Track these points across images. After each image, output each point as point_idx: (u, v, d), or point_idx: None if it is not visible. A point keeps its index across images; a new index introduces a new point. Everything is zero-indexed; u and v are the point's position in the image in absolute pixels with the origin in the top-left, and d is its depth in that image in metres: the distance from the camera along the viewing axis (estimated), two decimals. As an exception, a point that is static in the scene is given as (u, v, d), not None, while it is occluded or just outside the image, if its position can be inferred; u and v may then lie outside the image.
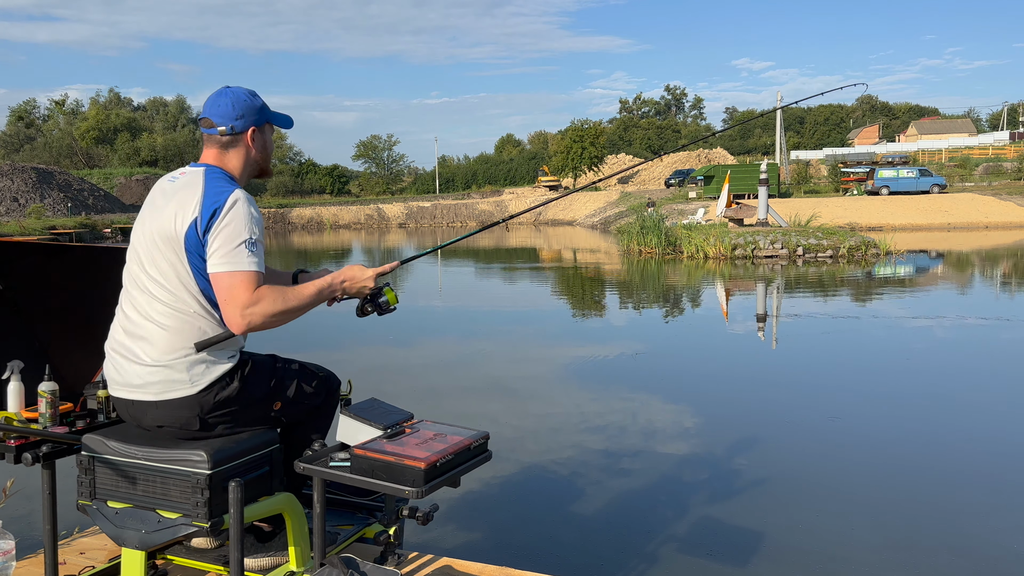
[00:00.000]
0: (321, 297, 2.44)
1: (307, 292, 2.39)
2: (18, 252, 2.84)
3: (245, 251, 2.28)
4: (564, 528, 4.28)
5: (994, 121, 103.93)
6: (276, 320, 2.32)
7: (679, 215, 34.06)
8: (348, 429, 2.44)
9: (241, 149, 2.49)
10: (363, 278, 2.53)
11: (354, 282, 2.52)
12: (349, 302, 2.66)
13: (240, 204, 2.32)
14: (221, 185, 2.37)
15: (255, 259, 2.30)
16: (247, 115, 2.47)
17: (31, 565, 3.03)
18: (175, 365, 2.34)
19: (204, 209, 2.31)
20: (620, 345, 9.76)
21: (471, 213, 61.30)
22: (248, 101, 2.49)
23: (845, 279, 17.33)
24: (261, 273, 2.31)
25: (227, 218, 2.30)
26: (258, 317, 2.27)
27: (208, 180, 2.39)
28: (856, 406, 6.72)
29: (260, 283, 2.30)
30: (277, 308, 2.29)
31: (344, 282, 2.50)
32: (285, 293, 2.32)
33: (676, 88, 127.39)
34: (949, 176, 51.65)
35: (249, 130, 2.48)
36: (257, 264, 2.31)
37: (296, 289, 2.37)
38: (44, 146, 79.36)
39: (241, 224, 2.30)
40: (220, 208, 2.30)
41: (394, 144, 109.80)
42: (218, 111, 2.46)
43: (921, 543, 4.03)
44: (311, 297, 2.39)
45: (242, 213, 2.31)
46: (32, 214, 44.30)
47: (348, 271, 2.53)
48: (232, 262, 2.28)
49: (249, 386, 2.42)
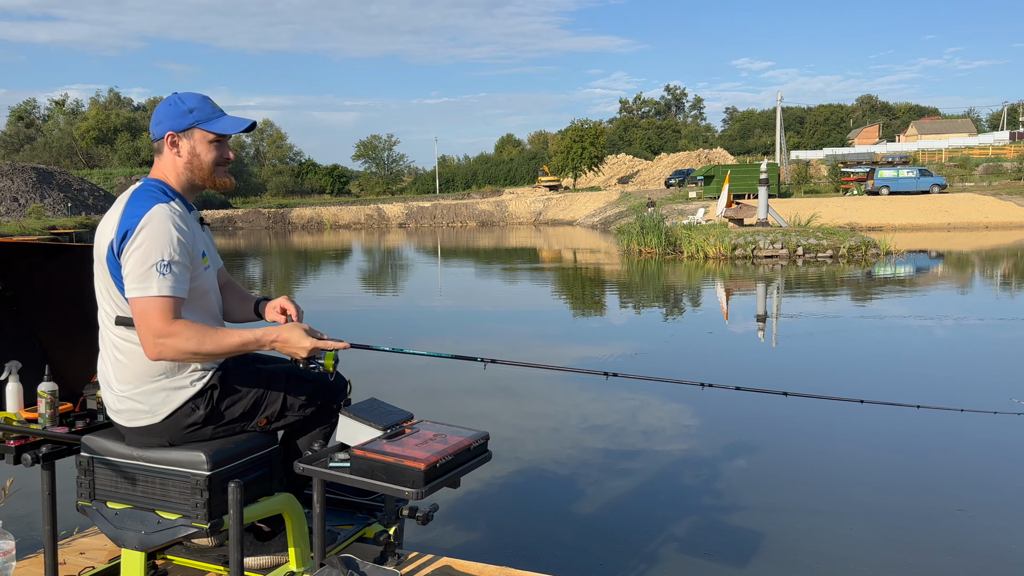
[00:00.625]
0: (245, 349, 2.28)
1: (229, 341, 2.24)
2: (18, 252, 2.84)
3: (156, 275, 2.17)
4: (564, 528, 4.28)
5: (994, 121, 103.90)
6: (191, 359, 2.22)
7: (679, 215, 34.04)
8: (348, 429, 2.43)
9: (167, 156, 2.39)
10: (297, 346, 2.29)
11: (286, 345, 2.30)
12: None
13: (154, 224, 2.20)
14: (140, 203, 2.25)
15: (168, 283, 2.18)
16: (164, 120, 2.37)
17: (31, 565, 3.03)
18: (134, 396, 2.32)
19: (119, 230, 2.23)
20: (620, 345, 9.75)
21: (471, 213, 61.26)
22: (172, 106, 2.37)
23: (845, 279, 17.33)
24: (176, 299, 2.20)
25: (138, 239, 2.19)
26: (170, 351, 2.18)
27: (132, 198, 2.29)
28: (854, 406, 6.71)
29: (175, 309, 2.19)
30: (191, 348, 2.18)
31: (274, 342, 2.29)
32: (204, 336, 2.20)
33: (676, 88, 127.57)
34: (949, 176, 51.63)
35: (166, 135, 2.36)
36: (172, 288, 2.19)
37: (219, 334, 2.23)
38: (44, 146, 79.40)
39: (152, 245, 2.18)
40: (131, 229, 2.20)
41: (394, 144, 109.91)
42: (153, 118, 2.40)
43: (919, 544, 4.02)
44: (233, 348, 2.25)
45: (155, 233, 2.19)
46: (32, 214, 44.30)
47: (285, 332, 2.30)
48: (144, 287, 2.17)
49: (221, 408, 2.36)
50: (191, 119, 2.37)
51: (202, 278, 2.37)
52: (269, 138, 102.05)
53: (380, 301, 15.86)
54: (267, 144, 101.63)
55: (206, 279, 2.40)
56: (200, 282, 2.36)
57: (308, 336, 2.31)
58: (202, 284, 2.38)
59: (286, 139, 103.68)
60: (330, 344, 2.35)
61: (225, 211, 62.57)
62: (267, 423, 2.47)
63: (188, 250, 2.27)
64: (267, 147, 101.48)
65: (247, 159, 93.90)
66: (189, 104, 2.38)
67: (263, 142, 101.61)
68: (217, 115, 2.41)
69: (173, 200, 2.33)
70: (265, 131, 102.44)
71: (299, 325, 2.34)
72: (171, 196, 2.34)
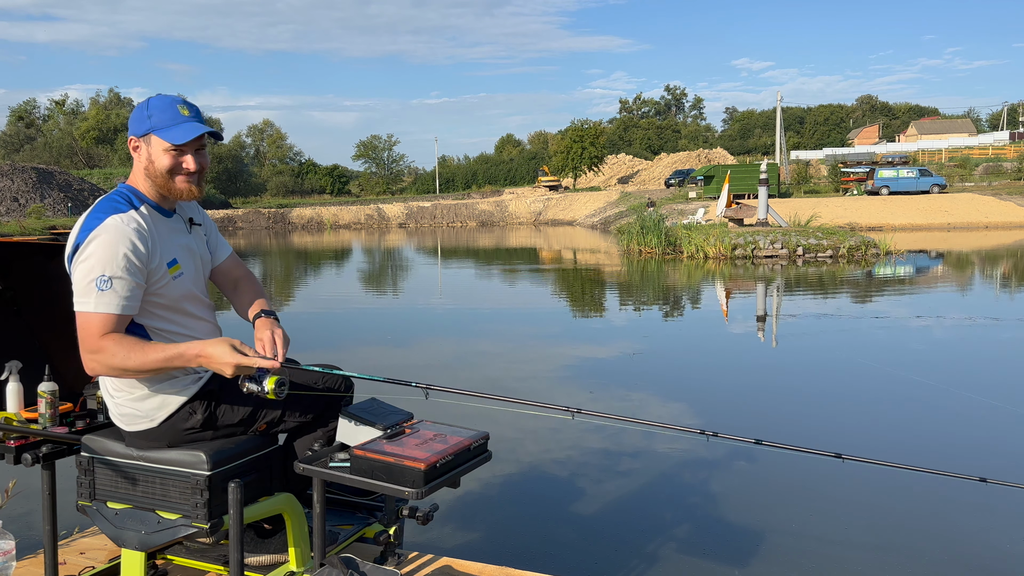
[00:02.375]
0: (170, 364, 2.19)
1: (153, 357, 2.16)
2: (18, 252, 2.84)
3: (95, 290, 2.13)
4: (563, 528, 4.28)
5: (994, 121, 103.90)
6: (119, 374, 2.19)
7: (679, 215, 34.05)
8: (348, 429, 2.43)
9: (136, 161, 2.35)
10: (221, 363, 2.16)
11: (210, 361, 2.17)
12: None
13: (102, 238, 2.16)
14: (96, 215, 2.22)
15: (106, 299, 2.14)
16: (131, 124, 2.33)
17: (31, 565, 3.03)
18: (130, 401, 2.32)
19: (75, 242, 2.21)
20: (620, 345, 9.75)
21: (471, 213, 61.27)
22: (136, 111, 2.34)
23: (845, 279, 17.33)
24: (113, 315, 2.15)
25: (85, 252, 2.17)
26: (100, 367, 2.16)
27: (93, 209, 2.26)
28: (853, 406, 6.71)
29: (113, 326, 2.15)
30: (116, 363, 2.14)
31: (198, 356, 2.18)
32: (131, 351, 2.14)
33: (676, 88, 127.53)
34: (949, 176, 51.62)
35: (129, 140, 2.34)
36: (109, 304, 2.14)
37: (145, 349, 2.16)
38: (44, 146, 79.45)
39: (96, 260, 2.14)
40: (81, 243, 2.18)
41: (394, 144, 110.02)
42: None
43: (912, 543, 4.02)
44: (156, 363, 2.17)
45: (100, 247, 2.15)
46: (32, 214, 44.31)
47: (208, 347, 2.18)
48: (83, 301, 2.15)
49: (220, 414, 2.36)
50: (147, 125, 2.30)
51: (170, 287, 2.31)
52: (269, 138, 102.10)
53: (380, 301, 15.86)
54: (267, 144, 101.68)
55: (176, 287, 2.33)
56: (169, 292, 2.30)
57: (234, 352, 2.17)
58: (172, 293, 2.32)
59: (286, 139, 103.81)
60: (258, 363, 2.17)
61: (225, 211, 62.58)
62: (267, 428, 2.46)
63: (142, 264, 2.20)
64: (267, 147, 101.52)
65: (247, 159, 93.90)
66: (151, 110, 2.31)
67: (263, 142, 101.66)
68: (177, 122, 2.29)
69: (138, 208, 2.27)
70: (265, 131, 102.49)
71: (226, 340, 2.21)
72: (137, 203, 2.29)
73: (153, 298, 2.28)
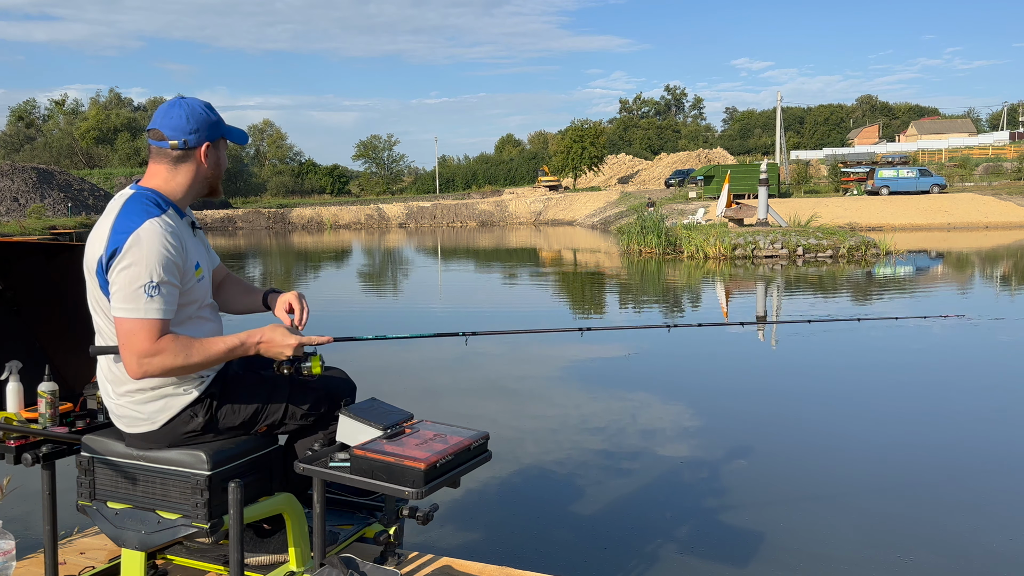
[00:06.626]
0: (232, 355, 2.28)
1: (215, 349, 2.24)
2: (18, 252, 2.84)
3: (144, 296, 2.15)
4: (563, 528, 4.28)
5: (994, 121, 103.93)
6: (176, 373, 2.22)
7: (679, 215, 34.06)
8: (348, 429, 2.43)
9: (192, 165, 2.33)
10: (282, 344, 2.31)
11: (271, 346, 2.31)
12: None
13: (144, 242, 2.16)
14: (131, 218, 2.20)
15: (156, 304, 2.16)
16: (202, 129, 2.31)
17: (31, 565, 3.03)
18: (131, 404, 2.32)
19: (108, 247, 2.19)
20: (619, 345, 9.75)
21: (471, 213, 61.28)
22: (203, 114, 2.33)
23: (845, 279, 17.33)
24: (163, 320, 2.18)
25: (126, 259, 2.16)
26: (156, 369, 2.18)
27: (123, 210, 2.23)
28: (851, 406, 6.71)
29: (163, 330, 2.18)
30: (178, 363, 2.18)
31: (260, 343, 2.30)
32: (190, 348, 2.20)
33: (676, 88, 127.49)
34: (949, 176, 51.63)
35: (203, 145, 2.33)
36: (160, 310, 2.17)
37: (204, 344, 2.23)
38: (44, 146, 79.47)
39: (142, 266, 2.15)
40: (119, 248, 2.16)
41: (394, 144, 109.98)
42: (170, 123, 2.29)
43: (903, 543, 4.03)
44: (219, 355, 2.25)
45: (145, 252, 2.15)
46: (32, 214, 44.32)
47: (268, 333, 2.31)
48: (131, 308, 2.15)
49: (221, 417, 2.36)
50: (221, 129, 2.38)
51: (195, 290, 2.33)
52: (269, 138, 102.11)
53: (381, 301, 15.86)
54: (267, 144, 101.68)
55: (198, 290, 2.35)
56: (193, 295, 2.33)
57: (290, 334, 2.33)
58: (195, 295, 2.34)
59: (286, 139, 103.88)
60: (315, 340, 2.39)
61: (225, 211, 62.59)
62: (268, 430, 2.47)
63: (179, 267, 2.23)
64: (267, 147, 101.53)
65: (247, 159, 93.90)
66: (214, 114, 2.37)
67: (263, 142, 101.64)
68: (227, 124, 2.43)
69: (166, 212, 2.28)
70: (265, 131, 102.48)
71: (277, 325, 2.35)
72: (164, 207, 2.29)
73: (181, 299, 2.28)
